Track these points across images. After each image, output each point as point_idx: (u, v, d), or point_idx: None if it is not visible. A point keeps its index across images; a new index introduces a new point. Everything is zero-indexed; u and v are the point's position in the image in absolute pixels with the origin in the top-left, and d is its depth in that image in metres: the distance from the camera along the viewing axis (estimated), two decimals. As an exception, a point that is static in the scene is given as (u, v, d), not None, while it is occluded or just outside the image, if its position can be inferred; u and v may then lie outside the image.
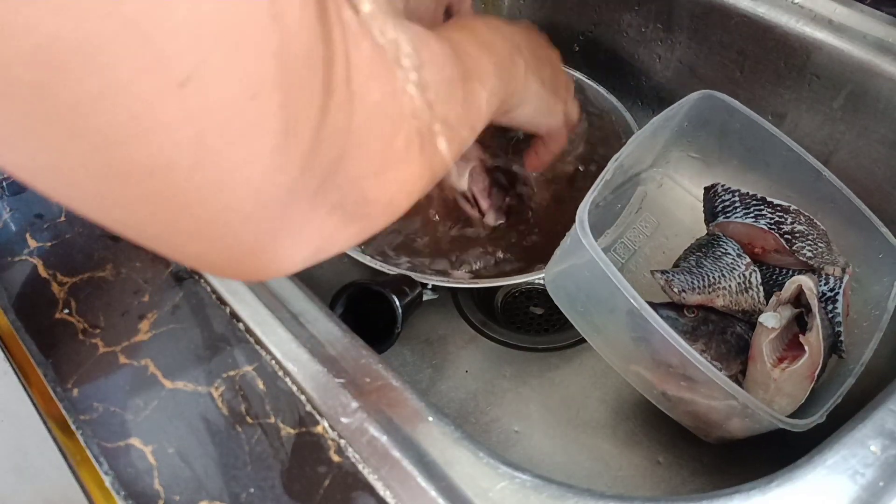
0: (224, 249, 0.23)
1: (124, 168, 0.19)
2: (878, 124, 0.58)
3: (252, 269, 0.25)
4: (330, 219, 0.25)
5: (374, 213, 0.28)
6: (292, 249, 0.25)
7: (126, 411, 0.41)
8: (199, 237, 0.22)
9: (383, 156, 0.27)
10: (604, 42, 0.76)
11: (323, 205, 0.24)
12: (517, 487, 0.36)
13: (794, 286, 0.49)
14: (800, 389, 0.47)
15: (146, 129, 0.18)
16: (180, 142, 0.19)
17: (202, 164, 0.20)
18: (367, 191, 0.27)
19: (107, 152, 0.19)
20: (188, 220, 0.21)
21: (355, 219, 0.27)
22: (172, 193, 0.20)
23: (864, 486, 0.36)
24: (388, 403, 0.40)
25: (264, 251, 0.24)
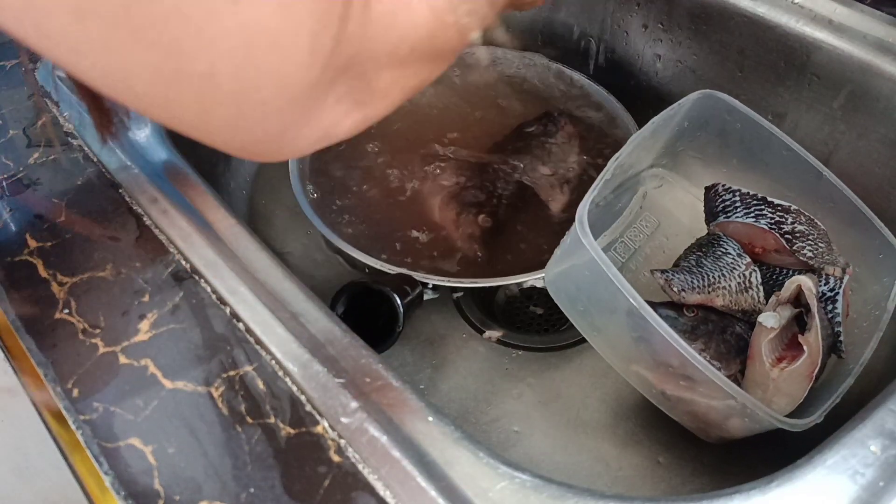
0: (254, 136, 0.28)
1: (188, 72, 0.23)
2: (878, 124, 0.58)
3: (272, 151, 0.30)
4: (338, 107, 0.30)
5: (374, 102, 0.32)
6: (306, 134, 0.29)
7: (126, 411, 0.41)
8: (235, 126, 0.27)
9: (389, 58, 0.31)
10: (604, 42, 0.76)
11: (333, 95, 0.29)
12: (517, 487, 0.36)
13: (794, 286, 0.49)
14: (798, 389, 0.47)
15: (207, 40, 0.23)
16: (232, 49, 0.23)
17: (247, 67, 0.24)
18: (372, 83, 0.31)
19: (175, 60, 0.23)
20: (229, 112, 0.26)
21: (359, 107, 0.31)
22: (221, 92, 0.25)
23: (864, 486, 0.36)
24: (388, 403, 0.40)
25: (284, 137, 0.28)
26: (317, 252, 0.66)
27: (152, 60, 0.23)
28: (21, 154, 0.55)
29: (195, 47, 0.23)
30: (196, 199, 0.51)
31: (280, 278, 0.46)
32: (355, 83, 0.30)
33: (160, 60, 0.23)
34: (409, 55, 0.32)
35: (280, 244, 0.68)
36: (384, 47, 0.30)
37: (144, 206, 0.51)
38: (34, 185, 0.53)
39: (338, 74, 0.28)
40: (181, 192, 0.52)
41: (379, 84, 0.32)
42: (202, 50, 0.23)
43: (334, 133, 0.31)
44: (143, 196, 0.51)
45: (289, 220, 0.69)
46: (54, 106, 0.59)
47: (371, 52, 0.30)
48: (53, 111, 0.59)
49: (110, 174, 0.53)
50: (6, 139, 0.57)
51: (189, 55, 0.23)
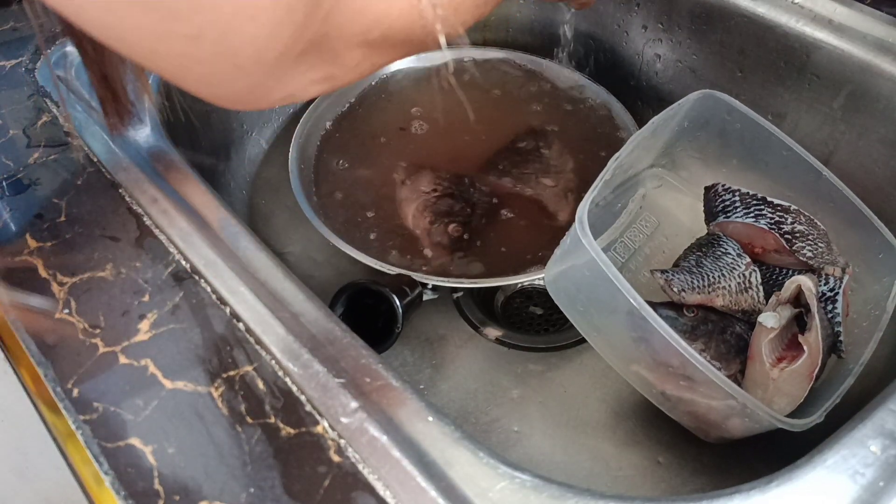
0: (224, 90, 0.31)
1: (177, 33, 0.26)
2: (878, 124, 0.58)
3: (239, 102, 0.32)
4: (307, 74, 0.32)
5: (342, 74, 0.35)
6: (273, 94, 0.32)
7: (126, 411, 0.41)
8: (209, 82, 0.30)
9: (359, 39, 0.33)
10: (604, 41, 0.76)
11: (304, 64, 0.31)
12: (517, 487, 0.36)
13: (794, 286, 0.49)
14: (799, 389, 0.47)
15: (201, 6, 0.25)
16: (220, 16, 0.26)
17: (230, 33, 0.27)
18: (340, 57, 0.33)
19: (168, 22, 0.25)
20: (207, 70, 0.28)
21: (326, 78, 0.34)
22: (203, 53, 0.27)
23: (865, 486, 0.36)
24: (388, 403, 0.40)
25: (252, 94, 0.31)
26: (316, 252, 0.66)
27: (148, 21, 0.25)
28: (21, 154, 0.55)
29: (187, 12, 0.25)
30: (196, 199, 0.51)
31: (280, 278, 0.46)
32: (325, 56, 0.32)
33: (155, 21, 0.26)
34: (381, 40, 0.34)
35: (280, 244, 0.68)
36: (356, 28, 0.32)
37: (144, 206, 0.51)
38: (34, 184, 0.53)
39: (309, 47, 0.31)
40: (181, 192, 0.52)
41: (347, 60, 0.34)
42: (194, 14, 0.25)
43: (300, 96, 0.34)
44: (143, 196, 0.51)
45: (288, 220, 0.69)
46: (54, 106, 0.59)
47: (342, 32, 0.32)
48: (53, 111, 0.59)
49: (110, 174, 0.53)
50: (6, 139, 0.57)
51: (182, 19, 0.25)
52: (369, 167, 0.67)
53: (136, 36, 0.27)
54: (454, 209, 0.62)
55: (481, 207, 0.64)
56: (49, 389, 0.42)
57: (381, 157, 0.68)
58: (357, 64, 0.35)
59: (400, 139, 0.70)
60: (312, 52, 0.31)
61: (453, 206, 0.63)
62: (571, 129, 0.70)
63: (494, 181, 0.66)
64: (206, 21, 0.26)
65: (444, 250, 0.61)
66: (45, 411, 0.42)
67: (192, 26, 0.26)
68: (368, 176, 0.67)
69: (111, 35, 0.27)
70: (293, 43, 0.29)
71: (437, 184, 0.64)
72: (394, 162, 0.68)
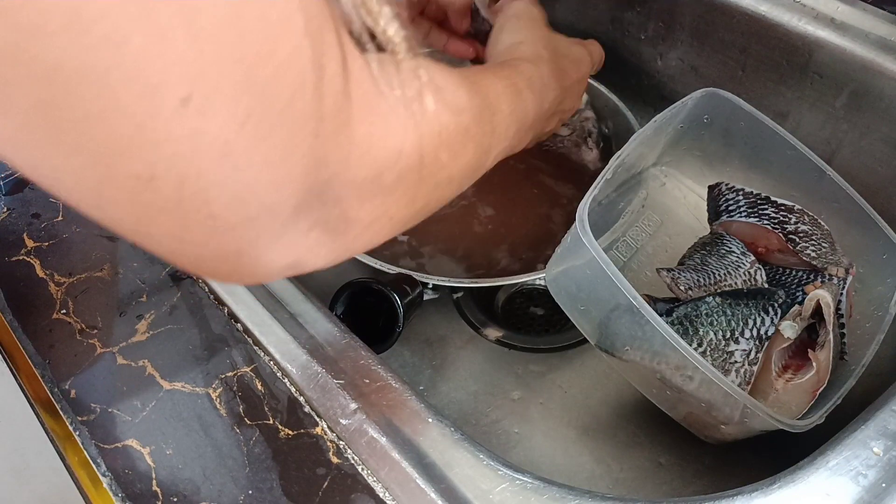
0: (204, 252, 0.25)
1: (122, 176, 0.21)
2: (880, 123, 0.58)
3: (231, 273, 0.26)
4: (310, 234, 0.27)
5: (353, 233, 0.29)
6: (271, 260, 0.26)
7: (124, 412, 0.40)
8: (181, 239, 0.24)
9: (370, 185, 0.28)
10: (605, 40, 0.76)
11: (305, 220, 0.26)
12: (518, 489, 0.36)
13: (814, 301, 0.49)
14: (799, 405, 0.47)
15: (148, 141, 0.20)
16: (176, 154, 0.21)
17: (193, 177, 0.21)
18: (349, 211, 0.28)
19: (107, 163, 0.20)
20: (173, 223, 0.23)
21: (335, 236, 0.28)
22: (162, 198, 0.22)
23: (867, 487, 0.35)
24: (387, 405, 0.40)
25: (244, 258, 0.25)
26: (316, 252, 0.66)
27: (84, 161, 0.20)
28: (19, 153, 0.55)
29: (133, 147, 0.20)
30: (195, 198, 0.51)
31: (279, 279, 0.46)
32: (329, 211, 0.27)
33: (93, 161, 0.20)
34: (395, 184, 0.29)
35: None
36: (366, 173, 0.27)
37: (143, 206, 0.50)
38: (31, 184, 0.53)
39: (308, 198, 0.25)
40: (180, 191, 0.51)
41: (360, 214, 0.29)
42: (141, 151, 0.20)
43: (308, 263, 0.28)
44: (142, 195, 0.51)
45: (288, 220, 0.69)
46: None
47: (350, 178, 0.27)
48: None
49: (108, 173, 0.53)
50: (4, 138, 0.56)
51: (125, 156, 0.20)
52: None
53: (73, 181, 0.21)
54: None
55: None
56: (46, 390, 0.42)
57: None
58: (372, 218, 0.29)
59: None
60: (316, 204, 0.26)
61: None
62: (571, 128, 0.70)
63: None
64: (160, 158, 0.21)
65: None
66: (43, 412, 0.42)
67: (139, 165, 0.21)
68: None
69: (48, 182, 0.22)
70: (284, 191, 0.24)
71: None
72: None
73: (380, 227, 0.31)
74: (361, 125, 0.26)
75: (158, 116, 0.20)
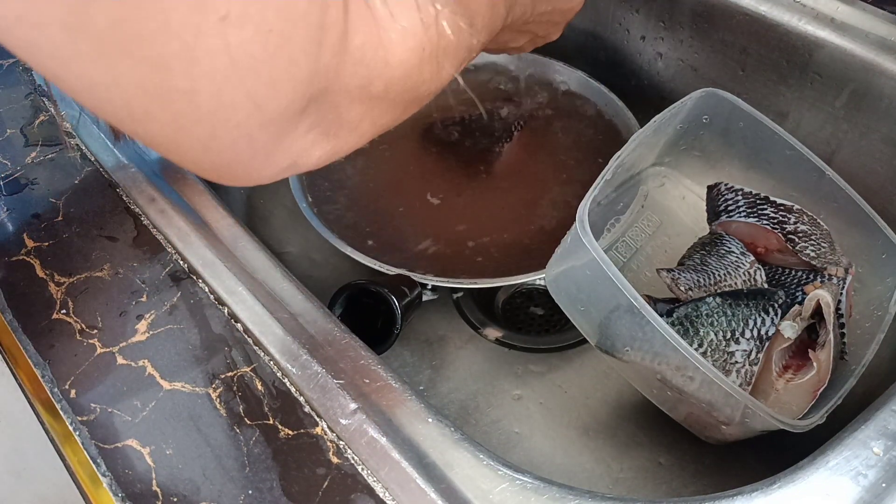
0: (224, 158, 0.28)
1: (170, 88, 0.24)
2: (880, 123, 0.58)
3: (240, 175, 0.30)
4: (307, 136, 0.30)
5: (344, 135, 0.32)
6: (275, 161, 0.29)
7: (124, 412, 0.40)
8: (207, 147, 0.27)
9: (360, 92, 0.31)
10: (605, 40, 0.76)
11: (304, 124, 0.29)
12: (518, 489, 0.36)
13: (814, 301, 0.49)
14: (800, 405, 0.47)
15: (192, 58, 0.23)
16: (215, 69, 0.24)
17: (227, 88, 0.25)
18: (343, 115, 0.31)
19: (159, 75, 0.23)
20: (204, 132, 0.26)
21: (328, 138, 0.31)
22: (199, 111, 0.25)
23: (867, 487, 0.35)
24: (387, 405, 0.40)
25: (253, 161, 0.29)
26: (315, 252, 0.66)
27: (138, 75, 0.23)
28: (18, 153, 0.55)
29: (180, 64, 0.23)
30: (194, 198, 0.51)
31: (278, 278, 0.46)
32: (326, 114, 0.30)
33: (145, 75, 0.23)
34: (383, 93, 0.32)
35: (278, 244, 0.67)
36: (357, 81, 0.31)
37: (142, 206, 0.50)
38: (31, 184, 0.53)
39: (310, 104, 0.28)
40: (179, 191, 0.51)
41: (350, 116, 0.32)
42: (187, 67, 0.23)
43: (302, 162, 0.31)
44: (141, 195, 0.51)
45: (287, 220, 0.69)
46: (52, 105, 0.59)
47: (344, 86, 0.30)
48: (51, 110, 0.59)
49: (108, 173, 0.53)
50: (3, 138, 0.56)
51: (174, 71, 0.23)
52: (368, 166, 0.67)
53: (127, 96, 0.24)
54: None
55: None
56: (47, 390, 0.42)
57: (381, 156, 0.68)
58: (359, 122, 0.33)
59: (400, 138, 0.70)
60: (313, 109, 0.29)
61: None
62: (572, 128, 0.70)
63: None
64: (201, 74, 0.24)
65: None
66: (43, 412, 0.42)
67: (185, 80, 0.24)
68: (367, 175, 0.66)
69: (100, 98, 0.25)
70: (295, 97, 0.27)
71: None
72: (394, 160, 0.67)
73: (365, 131, 0.34)
74: (356, 36, 0.29)
75: (202, 33, 0.23)
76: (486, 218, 0.63)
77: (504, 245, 0.61)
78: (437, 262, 0.59)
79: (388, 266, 0.56)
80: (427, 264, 0.59)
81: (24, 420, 0.46)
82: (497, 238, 0.61)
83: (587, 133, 0.70)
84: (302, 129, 0.29)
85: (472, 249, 0.60)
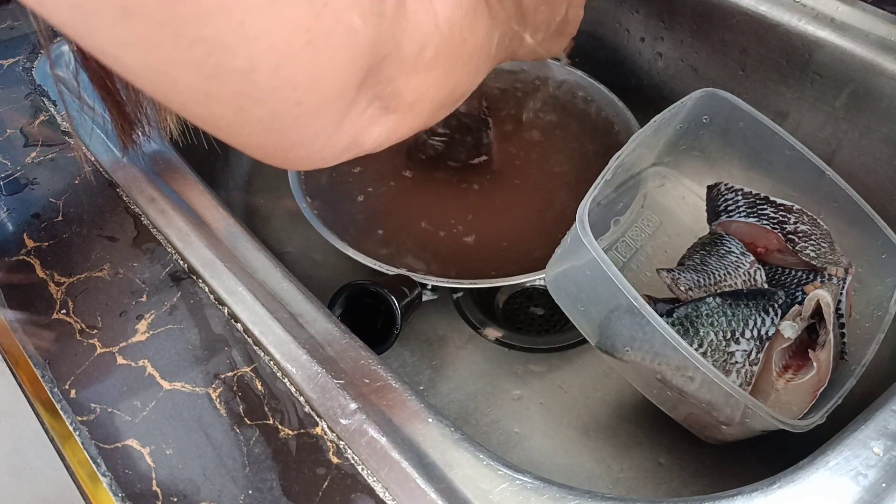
0: (287, 139, 0.28)
1: (229, 68, 0.24)
2: (880, 123, 0.58)
3: (303, 157, 0.30)
4: (367, 112, 0.29)
5: (402, 111, 0.32)
6: (336, 141, 0.29)
7: (124, 412, 0.40)
8: (269, 128, 0.27)
9: (415, 61, 0.31)
10: (605, 40, 0.76)
11: (364, 98, 0.29)
12: (518, 489, 0.36)
13: (814, 301, 0.49)
14: (800, 405, 0.47)
15: (248, 35, 0.23)
16: (272, 45, 0.24)
17: (285, 64, 0.24)
18: (399, 89, 0.31)
19: (217, 55, 0.23)
20: (265, 112, 0.26)
21: (387, 113, 0.31)
22: (259, 89, 0.25)
23: (867, 487, 0.35)
24: (387, 405, 0.40)
25: (316, 141, 0.28)
26: (315, 252, 0.66)
27: (195, 56, 0.23)
28: (18, 153, 0.55)
29: (236, 42, 0.23)
30: (194, 198, 0.51)
31: (278, 278, 0.46)
32: (385, 87, 0.30)
33: (203, 56, 0.23)
34: (433, 59, 0.32)
35: (278, 244, 0.67)
36: (413, 48, 0.30)
37: (142, 206, 0.50)
38: (31, 184, 0.53)
39: (368, 77, 0.28)
40: (179, 191, 0.51)
41: (407, 89, 0.32)
42: (243, 45, 0.23)
43: (363, 142, 0.31)
44: (141, 195, 0.51)
45: (287, 220, 0.69)
46: (52, 105, 0.59)
47: (402, 55, 0.30)
48: (51, 110, 0.59)
49: (108, 173, 0.53)
50: (3, 138, 0.56)
51: (230, 50, 0.23)
52: (368, 166, 0.67)
53: (187, 78, 0.24)
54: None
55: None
56: (46, 390, 0.42)
57: (381, 155, 0.68)
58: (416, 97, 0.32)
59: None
60: (372, 81, 0.29)
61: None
62: (572, 128, 0.70)
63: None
64: (258, 51, 0.24)
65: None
66: (43, 412, 0.42)
67: (244, 58, 0.24)
68: (367, 175, 0.66)
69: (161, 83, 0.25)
70: (355, 71, 0.27)
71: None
72: (393, 160, 0.67)
73: (422, 108, 0.34)
74: (412, 2, 0.29)
75: (256, 11, 0.23)
76: (486, 218, 0.63)
77: (504, 245, 0.61)
78: (437, 263, 0.59)
79: (388, 266, 0.56)
80: (427, 264, 0.59)
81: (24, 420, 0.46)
82: (497, 238, 0.61)
83: (587, 133, 0.70)
84: (362, 104, 0.29)
85: (473, 249, 0.60)
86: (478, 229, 0.62)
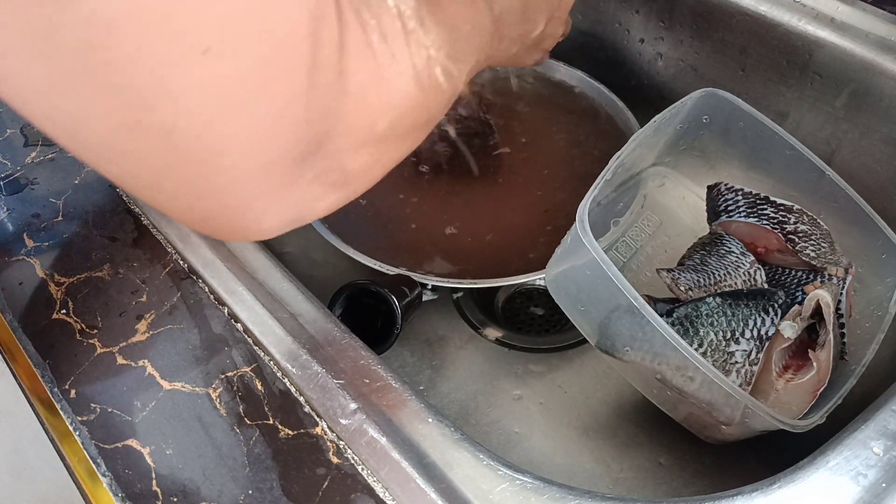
0: (216, 206, 0.25)
1: (147, 124, 0.22)
2: (880, 123, 0.58)
3: (236, 227, 0.27)
4: (311, 187, 0.28)
5: (352, 183, 0.31)
6: (274, 214, 0.27)
7: (124, 412, 0.40)
8: (196, 192, 0.25)
9: (365, 134, 0.29)
10: (605, 40, 0.76)
11: (306, 174, 0.27)
12: (518, 489, 0.36)
13: (814, 301, 0.49)
14: (800, 405, 0.47)
15: (170, 91, 0.21)
16: (197, 104, 0.22)
17: (212, 125, 0.22)
18: (346, 163, 0.29)
19: (134, 109, 0.21)
20: (190, 174, 0.24)
21: (334, 188, 0.30)
22: (182, 150, 0.23)
23: (867, 487, 0.35)
24: (387, 405, 0.40)
25: (248, 213, 0.26)
26: (315, 252, 0.66)
27: (110, 107, 0.21)
28: (18, 153, 0.55)
29: (157, 97, 0.21)
30: (194, 198, 0.51)
31: (278, 278, 0.46)
32: (330, 163, 0.28)
33: (119, 108, 0.21)
34: (389, 132, 0.31)
35: (278, 244, 0.67)
36: (361, 122, 0.29)
37: (142, 206, 0.50)
38: (31, 184, 0.53)
39: (314, 150, 0.26)
40: (179, 191, 0.51)
41: (356, 164, 0.30)
42: (164, 101, 0.21)
43: (308, 215, 0.30)
44: (142, 195, 0.51)
45: (288, 220, 0.69)
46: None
47: (346, 129, 0.28)
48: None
49: (108, 173, 0.53)
50: (3, 138, 0.56)
51: (150, 105, 0.21)
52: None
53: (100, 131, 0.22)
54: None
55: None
56: (46, 390, 0.42)
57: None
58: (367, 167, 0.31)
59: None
60: (319, 157, 0.27)
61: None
62: (572, 128, 0.70)
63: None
64: (179, 109, 0.22)
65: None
66: (43, 412, 0.42)
67: (163, 115, 0.22)
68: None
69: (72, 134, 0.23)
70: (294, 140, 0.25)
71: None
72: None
73: (373, 175, 0.32)
74: (356, 75, 0.27)
75: (181, 65, 0.21)
76: (486, 218, 0.63)
77: (504, 245, 0.61)
78: (437, 262, 0.59)
79: (388, 266, 0.56)
80: (427, 264, 0.59)
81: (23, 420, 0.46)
82: (497, 238, 0.61)
83: (587, 133, 0.70)
84: (306, 179, 0.27)
85: (473, 249, 0.60)
86: (478, 229, 0.62)
